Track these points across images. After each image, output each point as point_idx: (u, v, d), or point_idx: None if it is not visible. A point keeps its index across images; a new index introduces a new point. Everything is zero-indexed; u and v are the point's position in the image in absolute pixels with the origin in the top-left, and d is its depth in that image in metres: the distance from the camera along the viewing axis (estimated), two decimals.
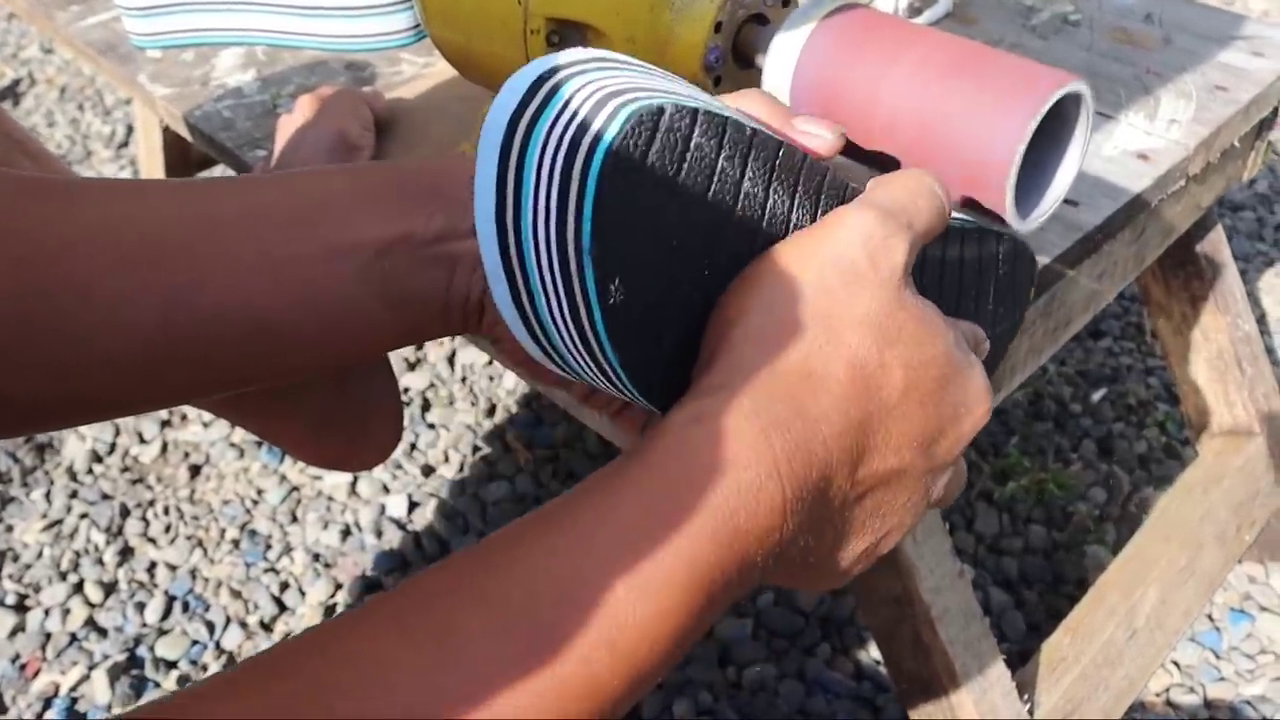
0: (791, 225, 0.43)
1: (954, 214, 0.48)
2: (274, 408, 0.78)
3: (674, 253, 0.40)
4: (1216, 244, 1.13)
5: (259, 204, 0.50)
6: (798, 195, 0.43)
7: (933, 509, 0.49)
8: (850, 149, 0.56)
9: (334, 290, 0.50)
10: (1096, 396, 1.53)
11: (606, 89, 0.39)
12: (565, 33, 0.60)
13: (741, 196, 0.41)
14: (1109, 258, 0.83)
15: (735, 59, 0.60)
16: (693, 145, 0.39)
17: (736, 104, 0.47)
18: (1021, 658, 1.07)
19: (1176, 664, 1.23)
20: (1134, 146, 0.84)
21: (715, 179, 0.40)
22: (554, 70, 0.39)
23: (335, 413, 0.78)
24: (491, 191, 0.39)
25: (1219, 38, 0.97)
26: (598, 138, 0.37)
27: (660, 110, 0.38)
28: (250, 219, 0.49)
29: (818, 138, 0.46)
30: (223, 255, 0.48)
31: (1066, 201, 0.78)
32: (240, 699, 0.32)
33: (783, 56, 0.57)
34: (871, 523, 0.44)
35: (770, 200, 0.42)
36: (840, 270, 0.42)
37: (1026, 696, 0.98)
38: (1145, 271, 1.17)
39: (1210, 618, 1.27)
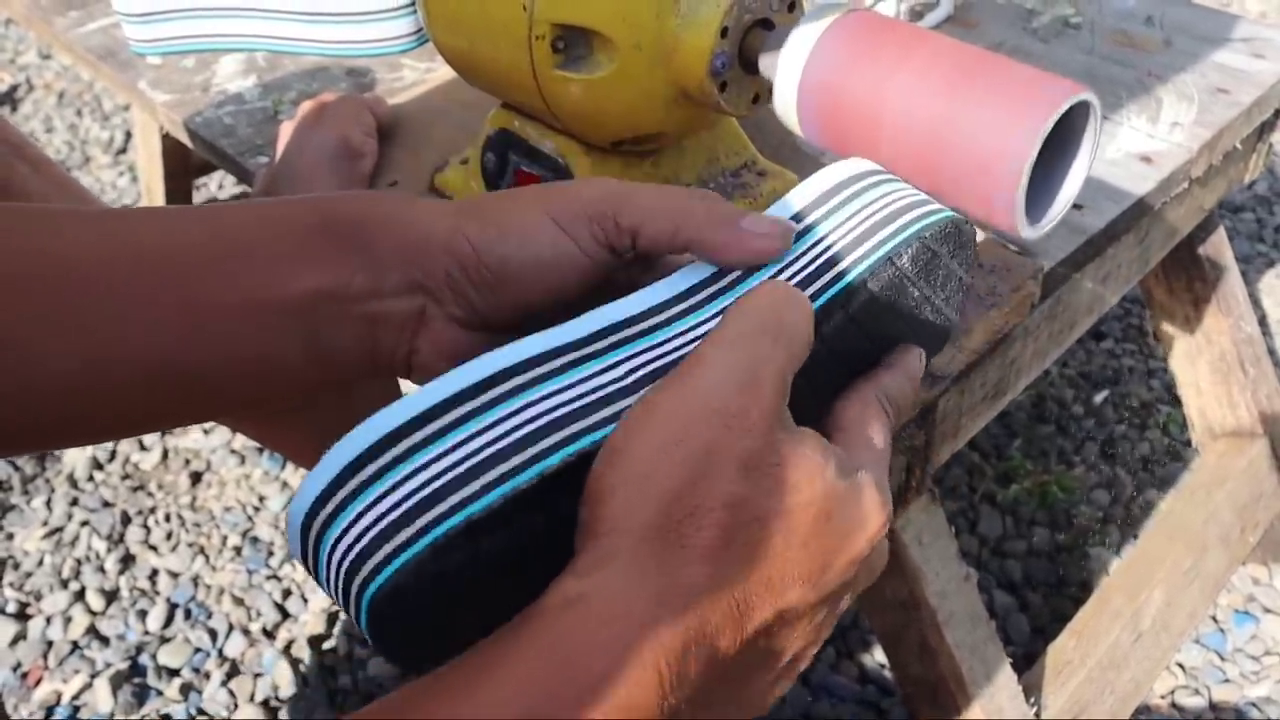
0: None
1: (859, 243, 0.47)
2: (275, 417, 0.77)
3: (465, 622, 0.40)
4: (1219, 246, 1.13)
5: (183, 245, 0.48)
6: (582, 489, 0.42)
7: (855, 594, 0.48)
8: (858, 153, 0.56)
9: (256, 343, 0.48)
10: (1099, 399, 1.53)
11: (355, 546, 0.39)
12: (570, 38, 0.60)
13: (526, 541, 0.41)
14: (1113, 260, 0.83)
15: (741, 65, 0.59)
16: (448, 570, 0.39)
17: (675, 202, 0.47)
18: (1027, 660, 1.07)
19: (1181, 666, 1.23)
20: (1137, 149, 0.84)
21: (485, 561, 0.40)
22: (315, 511, 0.40)
23: (339, 421, 0.78)
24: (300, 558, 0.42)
25: (1219, 40, 0.97)
26: (358, 617, 0.39)
27: (395, 588, 0.38)
28: (172, 264, 0.48)
29: (764, 238, 0.46)
30: (144, 302, 0.47)
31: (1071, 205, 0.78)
32: None
33: (789, 62, 0.56)
34: (770, 662, 0.42)
35: (552, 519, 0.41)
36: (707, 419, 0.40)
37: (1033, 699, 0.98)
38: (1148, 274, 1.17)
39: (1215, 620, 1.27)
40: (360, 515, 0.39)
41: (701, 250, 0.47)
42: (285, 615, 1.29)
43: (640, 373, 0.44)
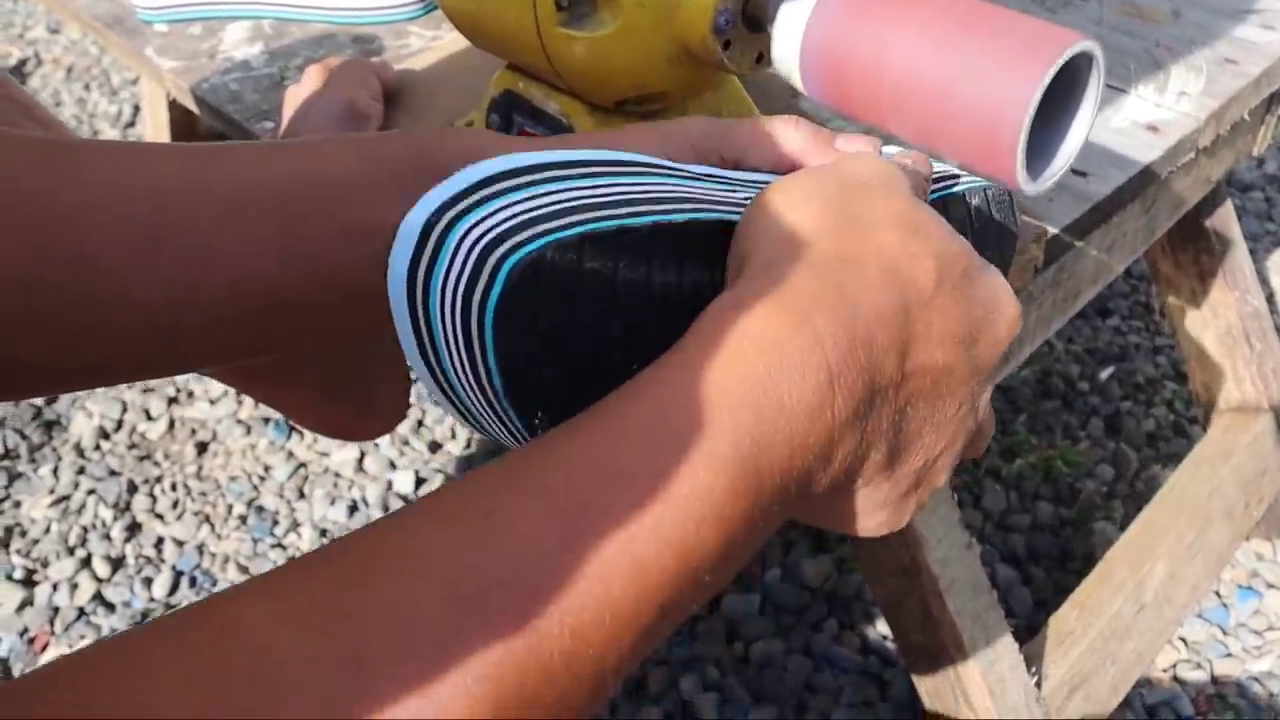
0: (719, 286, 0.43)
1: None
2: (280, 376, 0.78)
3: (594, 364, 0.40)
4: (1226, 219, 1.13)
5: (273, 178, 0.49)
6: (716, 266, 0.42)
7: (968, 456, 0.48)
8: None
9: (348, 273, 0.49)
10: (1104, 375, 1.53)
11: (493, 229, 0.39)
12: None
13: (656, 288, 0.41)
14: (1118, 229, 0.83)
15: (745, 22, 0.59)
16: (585, 272, 0.39)
17: (772, 129, 0.49)
18: (1029, 633, 1.08)
19: (1184, 640, 1.23)
20: (1143, 119, 0.84)
21: (619, 289, 0.40)
22: (440, 212, 0.39)
23: (342, 381, 0.78)
24: (412, 341, 0.41)
25: (1229, 11, 0.96)
26: (485, 296, 0.38)
27: (539, 259, 0.38)
28: (264, 194, 0.48)
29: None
30: (235, 232, 0.48)
31: (1076, 172, 0.77)
32: (277, 595, 0.32)
33: (792, 20, 0.56)
34: (926, 432, 0.42)
35: (685, 279, 0.42)
36: (854, 184, 0.42)
37: (1034, 669, 0.98)
38: (1154, 246, 1.17)
39: (1218, 594, 1.27)
40: (508, 206, 0.39)
41: None
42: None
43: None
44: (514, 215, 0.39)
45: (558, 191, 0.40)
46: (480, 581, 0.32)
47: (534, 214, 0.39)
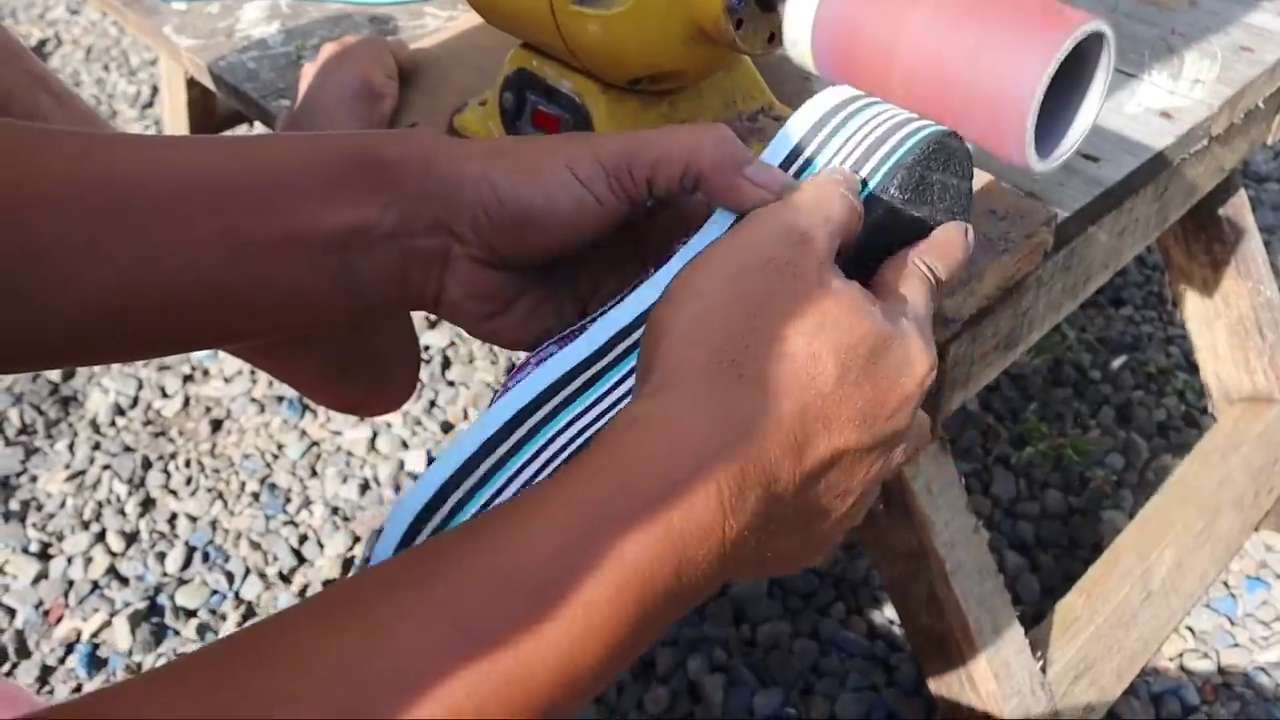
0: None
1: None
2: (291, 351, 0.78)
3: None
4: (1239, 208, 1.13)
5: (220, 177, 0.50)
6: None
7: (901, 467, 0.49)
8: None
9: (289, 275, 0.50)
10: (1116, 364, 1.53)
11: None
12: None
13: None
14: (1130, 214, 0.83)
15: (758, 2, 0.60)
16: None
17: (683, 146, 0.48)
18: (1036, 620, 1.08)
19: (1191, 630, 1.23)
20: (1157, 105, 0.84)
21: None
22: (432, 506, 0.43)
23: (352, 357, 0.79)
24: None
25: None
26: None
27: None
28: (210, 193, 0.49)
29: (762, 190, 0.47)
30: (180, 229, 0.48)
31: (1087, 157, 0.77)
32: (163, 692, 0.33)
33: (803, 0, 0.57)
34: (832, 504, 0.44)
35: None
36: (760, 267, 0.43)
37: (1039, 654, 0.98)
38: (1167, 234, 1.16)
39: (1226, 585, 1.27)
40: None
41: (706, 191, 0.49)
42: (301, 560, 1.31)
43: None
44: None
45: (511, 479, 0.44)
46: (365, 686, 0.33)
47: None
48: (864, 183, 0.49)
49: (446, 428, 1.45)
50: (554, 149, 0.50)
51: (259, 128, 0.91)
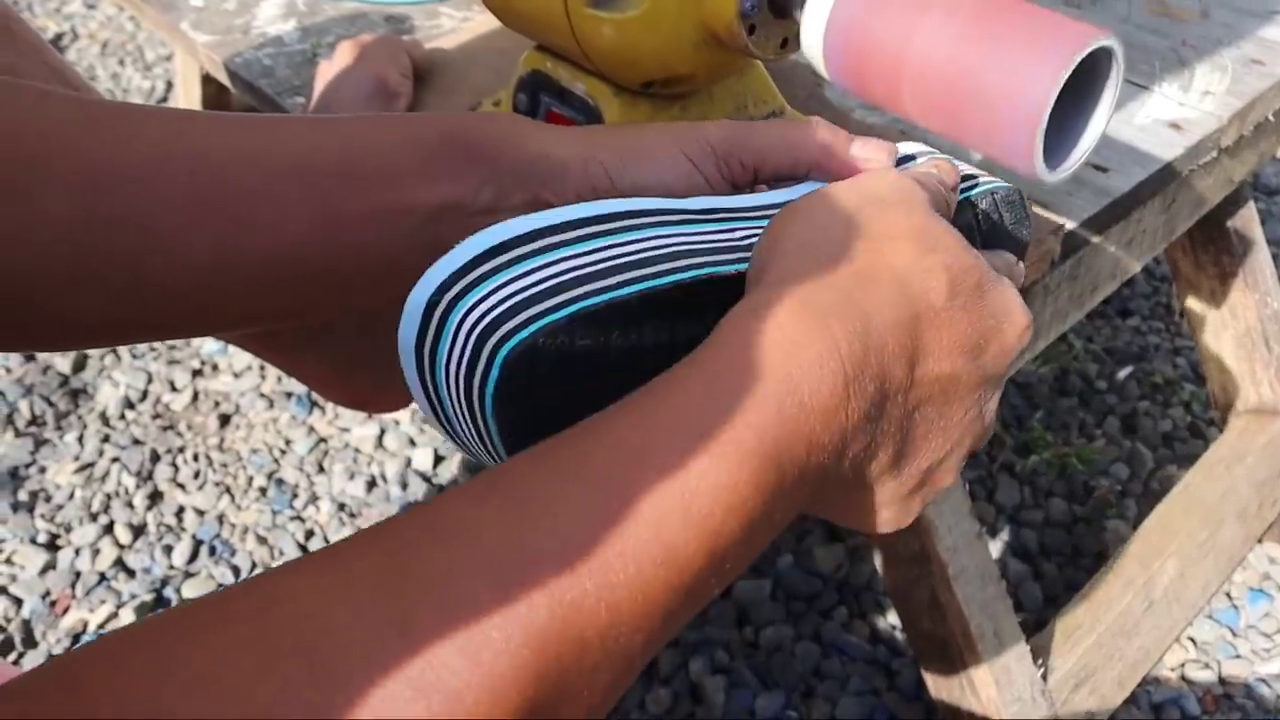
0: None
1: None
2: (302, 346, 0.79)
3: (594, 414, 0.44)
4: (1247, 220, 1.13)
5: (313, 152, 0.50)
6: (709, 316, 0.44)
7: (975, 447, 0.49)
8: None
9: (383, 249, 0.51)
10: (1122, 374, 1.53)
11: (487, 315, 0.41)
12: None
13: (648, 349, 0.43)
14: (1138, 225, 0.83)
15: (771, 9, 0.60)
16: (577, 350, 0.41)
17: (790, 133, 0.51)
18: (1038, 628, 1.08)
19: (1193, 640, 1.23)
20: (1167, 116, 0.84)
21: (611, 357, 0.42)
22: (440, 292, 0.42)
23: (363, 353, 0.80)
24: (425, 404, 0.45)
25: (1257, 12, 0.97)
26: (484, 381, 0.41)
27: (531, 347, 0.40)
28: (306, 169, 0.50)
29: (872, 160, 0.51)
30: (275, 204, 0.49)
31: (1096, 167, 0.78)
32: (325, 567, 0.33)
33: (817, 5, 0.57)
34: (933, 435, 0.44)
35: (678, 336, 0.44)
36: (872, 200, 0.45)
37: (1041, 661, 0.99)
38: (1175, 246, 1.17)
39: (1229, 596, 1.27)
40: (501, 287, 0.42)
41: (821, 177, 0.52)
42: None
43: (753, 239, 0.47)
44: (506, 298, 0.42)
45: (549, 265, 0.43)
46: (522, 555, 0.33)
47: (526, 295, 0.42)
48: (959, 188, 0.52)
49: None
50: (664, 132, 0.52)
51: None
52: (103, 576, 1.30)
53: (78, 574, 1.30)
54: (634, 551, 0.34)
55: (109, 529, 1.35)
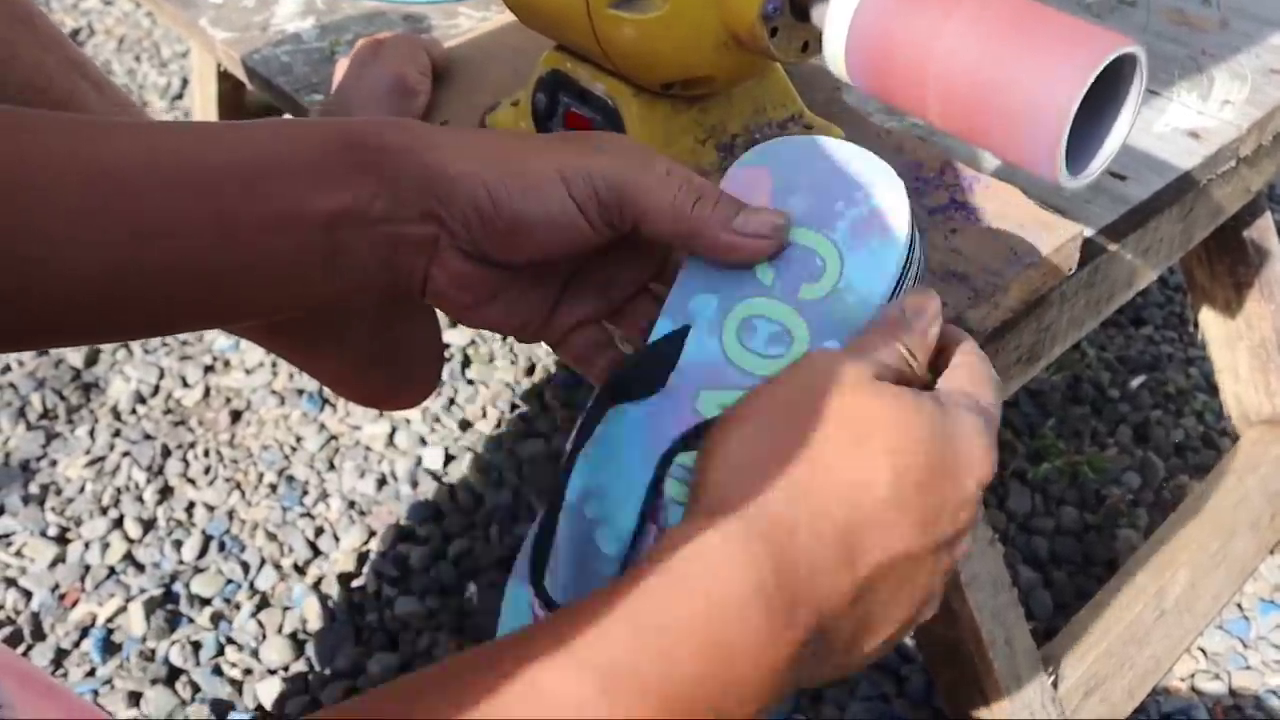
0: None
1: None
2: (317, 343, 0.79)
3: None
4: (1264, 231, 1.13)
5: (213, 161, 0.50)
6: None
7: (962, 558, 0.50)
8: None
9: (280, 256, 0.51)
10: (1135, 383, 1.53)
11: None
12: None
13: None
14: (1155, 234, 0.83)
15: (793, 11, 0.60)
16: None
17: (681, 201, 0.51)
18: (1048, 635, 1.08)
19: (1203, 650, 1.23)
20: (1185, 125, 0.84)
21: None
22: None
23: (377, 351, 0.80)
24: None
25: (1277, 22, 0.96)
26: None
27: None
28: (202, 177, 0.50)
29: (757, 239, 0.50)
30: (171, 213, 0.49)
31: (1114, 175, 0.78)
32: None
33: (839, 9, 0.57)
34: (892, 611, 0.44)
35: None
36: (806, 392, 0.44)
37: (1051, 669, 0.98)
38: (1190, 255, 1.16)
39: (1240, 607, 1.27)
40: None
41: (700, 251, 0.51)
42: (316, 552, 1.32)
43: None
44: None
45: None
46: None
47: None
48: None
49: (465, 425, 1.45)
50: (550, 159, 0.51)
51: None
52: (112, 570, 1.30)
53: (87, 568, 1.31)
54: None
55: (119, 523, 1.35)
